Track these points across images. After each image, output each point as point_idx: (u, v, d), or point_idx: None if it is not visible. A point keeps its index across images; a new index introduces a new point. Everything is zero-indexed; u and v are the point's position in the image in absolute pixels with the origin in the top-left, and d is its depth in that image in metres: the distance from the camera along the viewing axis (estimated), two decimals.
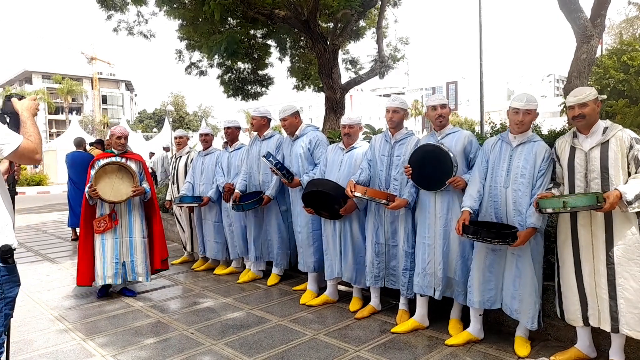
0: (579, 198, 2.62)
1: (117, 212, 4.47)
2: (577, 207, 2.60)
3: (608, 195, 2.56)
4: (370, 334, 3.52)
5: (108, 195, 4.30)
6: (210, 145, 5.60)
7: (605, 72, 15.60)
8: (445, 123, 3.51)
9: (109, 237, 4.43)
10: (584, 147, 2.81)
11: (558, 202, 2.63)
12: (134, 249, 4.52)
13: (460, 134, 3.46)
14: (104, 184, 4.30)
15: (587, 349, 2.93)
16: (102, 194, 4.27)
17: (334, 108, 9.52)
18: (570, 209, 2.62)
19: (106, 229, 4.39)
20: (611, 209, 2.58)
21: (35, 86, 59.26)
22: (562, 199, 2.64)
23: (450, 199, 3.38)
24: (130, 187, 4.39)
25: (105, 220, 4.40)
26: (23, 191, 20.02)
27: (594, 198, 2.55)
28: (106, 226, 4.39)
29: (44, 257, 6.54)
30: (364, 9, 9.83)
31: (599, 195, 2.56)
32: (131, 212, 4.55)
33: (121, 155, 4.59)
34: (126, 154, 4.65)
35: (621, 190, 2.56)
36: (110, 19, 9.70)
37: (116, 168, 4.39)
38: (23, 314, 4.14)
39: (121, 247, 4.47)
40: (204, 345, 3.37)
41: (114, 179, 4.36)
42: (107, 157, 4.57)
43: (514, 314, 3.10)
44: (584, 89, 2.85)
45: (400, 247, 3.66)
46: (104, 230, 4.39)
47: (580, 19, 6.07)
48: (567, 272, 2.89)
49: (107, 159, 4.49)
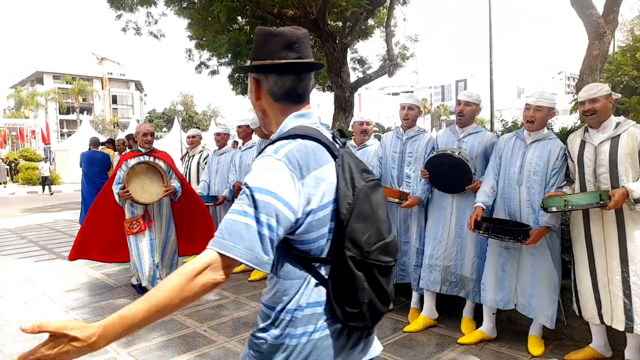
0: (581, 197, 2.58)
1: (150, 212, 4.37)
2: (578, 205, 2.56)
3: (613, 193, 2.51)
4: (383, 332, 3.51)
5: (139, 196, 4.16)
6: (225, 144, 5.65)
7: (617, 69, 15.41)
8: (466, 121, 3.42)
9: (143, 239, 4.30)
10: (594, 141, 2.76)
11: (560, 201, 2.61)
12: (168, 248, 4.49)
13: (483, 134, 3.41)
14: (134, 185, 4.16)
15: (602, 348, 2.90)
16: (134, 195, 4.14)
17: (343, 107, 9.52)
18: (572, 208, 2.58)
19: (139, 231, 4.26)
20: (616, 207, 2.53)
21: (46, 86, 59.90)
22: (564, 197, 2.61)
23: (467, 198, 3.35)
24: (160, 187, 4.25)
25: (139, 222, 4.27)
26: (36, 190, 20.24)
27: (596, 196, 2.50)
28: (140, 228, 4.26)
29: (57, 255, 6.62)
30: (373, 7, 9.80)
31: (603, 193, 2.50)
32: (161, 212, 4.46)
33: (148, 154, 4.46)
34: (153, 152, 4.50)
35: (628, 187, 2.51)
36: (120, 18, 9.78)
37: (145, 168, 4.24)
38: (38, 310, 4.20)
39: (157, 248, 4.38)
40: (217, 343, 3.39)
41: (143, 179, 4.22)
42: (135, 156, 4.41)
43: (531, 313, 3.07)
44: (596, 84, 2.81)
45: (412, 244, 3.66)
46: (137, 232, 4.27)
47: (592, 15, 6.00)
48: (582, 269, 2.86)
49: (135, 159, 4.36)
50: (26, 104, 49.11)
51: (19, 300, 4.55)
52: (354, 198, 1.14)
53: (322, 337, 1.16)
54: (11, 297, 4.66)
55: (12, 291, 4.86)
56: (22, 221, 10.22)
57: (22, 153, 27.31)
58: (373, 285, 1.16)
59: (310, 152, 1.14)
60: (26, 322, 0.90)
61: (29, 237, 8.12)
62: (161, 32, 10.57)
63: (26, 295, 4.71)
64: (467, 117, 3.39)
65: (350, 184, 1.15)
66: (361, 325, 1.16)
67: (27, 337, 3.58)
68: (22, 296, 4.67)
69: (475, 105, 3.38)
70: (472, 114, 3.41)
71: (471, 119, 3.43)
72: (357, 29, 10.36)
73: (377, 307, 1.17)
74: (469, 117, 3.40)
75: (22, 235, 8.38)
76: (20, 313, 4.16)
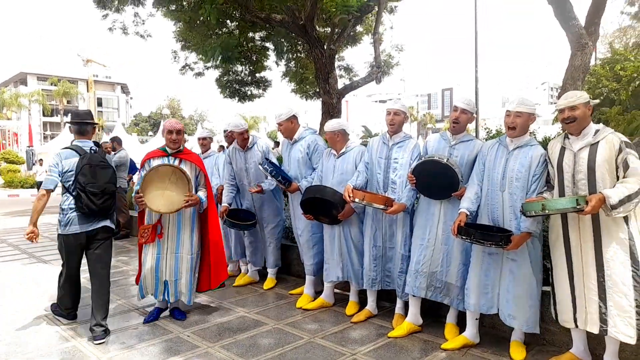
0: (557, 201, 2.62)
1: (164, 223, 3.80)
2: (555, 209, 2.59)
3: (590, 199, 2.54)
4: (367, 337, 3.52)
5: (157, 204, 3.62)
6: (209, 148, 5.62)
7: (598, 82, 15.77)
8: (460, 129, 3.43)
9: (149, 252, 3.81)
10: (573, 147, 2.81)
11: (538, 205, 2.64)
12: (179, 267, 3.84)
13: (474, 143, 3.43)
14: (154, 190, 3.62)
15: (582, 353, 2.94)
16: (150, 204, 3.59)
17: (330, 113, 9.57)
18: (549, 212, 2.62)
19: (148, 241, 3.77)
20: (593, 212, 2.56)
21: (30, 88, 58.93)
22: (541, 202, 2.65)
23: (454, 205, 3.37)
24: (183, 196, 3.66)
25: (148, 231, 3.77)
26: (17, 193, 19.84)
27: (573, 201, 2.53)
28: (148, 238, 3.76)
29: (38, 259, 6.49)
30: (361, 14, 9.90)
31: (580, 198, 2.54)
32: (180, 224, 3.83)
33: (175, 155, 3.83)
34: (181, 153, 3.86)
35: (605, 193, 2.55)
36: (106, 18, 9.71)
37: (170, 170, 3.66)
38: (19, 315, 4.11)
39: (163, 265, 3.82)
40: (200, 348, 3.36)
41: (166, 184, 3.64)
42: (160, 156, 3.83)
43: (507, 319, 3.11)
44: (575, 92, 2.86)
45: (398, 250, 3.67)
46: (146, 242, 3.79)
47: (575, 27, 6.16)
48: (560, 273, 2.90)
49: (160, 159, 3.80)
50: (9, 106, 48.22)
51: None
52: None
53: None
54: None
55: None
56: (2, 225, 10.00)
57: (3, 155, 26.78)
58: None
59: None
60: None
61: (9, 240, 7.94)
62: (147, 33, 10.52)
63: (7, 300, 4.60)
64: (462, 124, 3.41)
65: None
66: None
67: (7, 342, 3.50)
68: (3, 302, 4.57)
69: (470, 114, 3.41)
70: (466, 122, 3.43)
71: (465, 126, 3.46)
72: (345, 35, 10.44)
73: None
74: (464, 125, 3.43)
75: (2, 239, 8.20)
76: (0, 318, 4.07)
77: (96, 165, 3.55)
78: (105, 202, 3.56)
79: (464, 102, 3.39)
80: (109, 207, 3.63)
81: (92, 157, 3.57)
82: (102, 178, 3.55)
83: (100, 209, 3.54)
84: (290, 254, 5.17)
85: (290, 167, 4.45)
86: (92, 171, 3.52)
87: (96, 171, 3.53)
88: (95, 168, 3.53)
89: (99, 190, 3.52)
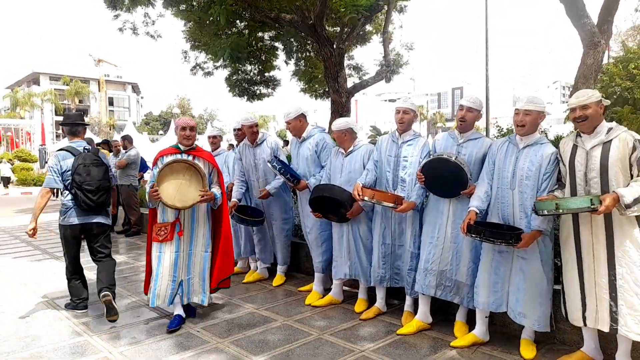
0: (571, 201, 2.59)
1: (181, 220, 3.74)
2: (570, 209, 2.57)
3: (604, 198, 2.52)
4: (376, 334, 3.52)
5: (172, 199, 3.56)
6: (219, 146, 5.66)
7: (611, 80, 15.57)
8: (467, 127, 3.42)
9: (167, 250, 3.69)
10: (586, 146, 2.78)
11: (552, 205, 2.62)
12: (192, 264, 3.81)
13: (482, 141, 3.42)
14: (168, 185, 3.58)
15: (593, 352, 2.92)
16: (165, 198, 3.54)
17: (340, 112, 9.57)
18: (563, 212, 2.60)
19: (166, 239, 3.68)
20: (607, 212, 2.54)
21: (43, 87, 59.72)
22: (555, 201, 2.63)
23: (463, 203, 3.36)
24: (197, 192, 3.65)
25: (167, 229, 3.68)
26: (30, 191, 20.11)
27: (587, 201, 2.51)
28: (166, 236, 3.68)
29: (51, 255, 6.59)
30: (371, 13, 9.88)
31: (594, 198, 2.52)
32: (194, 221, 3.80)
33: (188, 152, 3.82)
34: (194, 150, 3.85)
35: (619, 192, 2.53)
36: (117, 18, 9.79)
37: (184, 167, 3.64)
38: (33, 310, 4.18)
39: (181, 263, 3.74)
40: (210, 343, 3.39)
41: (180, 180, 3.62)
42: (173, 153, 3.80)
43: (517, 317, 3.09)
44: (587, 91, 2.83)
45: (407, 248, 3.67)
46: (163, 240, 3.68)
47: (587, 25, 6.08)
48: (570, 271, 2.88)
49: (173, 156, 3.76)
50: (22, 105, 48.90)
51: (13, 300, 4.53)
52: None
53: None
54: (4, 297, 4.64)
55: (4, 291, 4.83)
56: (16, 221, 10.16)
57: (16, 154, 27.17)
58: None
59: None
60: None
61: (22, 237, 8.07)
62: (158, 33, 10.59)
63: (20, 295, 4.68)
64: (469, 122, 3.40)
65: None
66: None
67: (20, 336, 3.56)
68: (17, 296, 4.64)
69: (477, 112, 3.40)
70: (473, 120, 3.42)
71: (472, 124, 3.45)
72: (354, 35, 10.44)
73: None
74: (470, 123, 3.42)
75: (16, 235, 8.33)
76: (15, 312, 4.14)
77: (90, 164, 3.95)
78: (100, 197, 3.96)
79: (469, 101, 3.39)
80: (104, 201, 4.03)
81: (85, 156, 3.97)
82: (96, 175, 3.95)
83: (96, 204, 3.94)
84: (299, 251, 5.20)
85: (299, 165, 4.46)
86: (87, 170, 3.91)
87: (90, 169, 3.93)
88: (89, 167, 3.93)
89: (94, 187, 3.92)
